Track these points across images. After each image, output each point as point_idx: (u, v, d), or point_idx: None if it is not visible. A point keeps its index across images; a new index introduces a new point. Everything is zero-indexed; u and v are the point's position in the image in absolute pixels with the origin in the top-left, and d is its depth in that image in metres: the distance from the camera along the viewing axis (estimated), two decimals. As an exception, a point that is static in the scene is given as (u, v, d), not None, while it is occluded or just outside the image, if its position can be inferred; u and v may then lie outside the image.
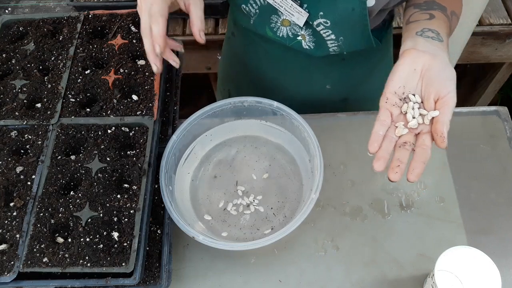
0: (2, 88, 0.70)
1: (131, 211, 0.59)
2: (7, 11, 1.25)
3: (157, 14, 0.57)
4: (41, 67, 0.72)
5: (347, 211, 0.74)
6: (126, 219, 0.59)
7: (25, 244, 0.57)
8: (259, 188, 0.74)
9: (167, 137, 0.72)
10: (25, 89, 0.69)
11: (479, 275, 0.57)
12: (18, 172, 0.63)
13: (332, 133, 0.81)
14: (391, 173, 0.54)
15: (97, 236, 0.58)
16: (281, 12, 0.70)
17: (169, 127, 0.74)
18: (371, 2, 0.65)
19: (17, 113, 0.67)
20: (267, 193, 0.73)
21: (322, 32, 0.71)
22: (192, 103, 1.20)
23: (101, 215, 0.59)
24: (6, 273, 0.55)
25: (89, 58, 0.72)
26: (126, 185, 0.62)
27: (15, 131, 0.66)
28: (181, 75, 0.80)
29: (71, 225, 0.59)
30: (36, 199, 0.60)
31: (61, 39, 0.74)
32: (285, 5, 0.67)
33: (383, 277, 0.68)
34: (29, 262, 0.56)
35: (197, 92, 1.62)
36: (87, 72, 0.71)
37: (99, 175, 0.62)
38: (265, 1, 0.69)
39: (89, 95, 0.69)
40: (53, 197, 0.60)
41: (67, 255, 0.56)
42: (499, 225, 0.72)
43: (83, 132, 0.65)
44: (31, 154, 0.64)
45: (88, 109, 0.68)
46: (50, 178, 0.62)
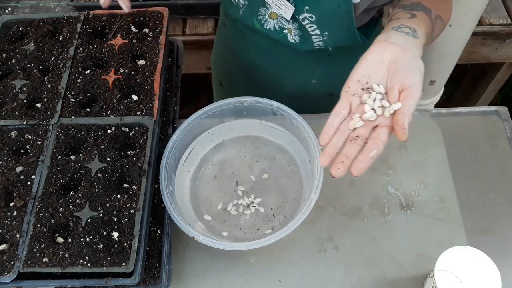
0: (2, 88, 0.70)
1: (131, 211, 0.59)
2: (7, 11, 1.25)
3: None
4: (41, 67, 0.72)
5: (347, 211, 0.74)
6: (126, 219, 0.59)
7: (25, 244, 0.57)
8: (259, 188, 0.74)
9: (167, 137, 0.72)
10: (25, 89, 0.69)
11: (479, 275, 0.57)
12: (18, 172, 0.63)
13: (332, 133, 0.81)
14: (333, 169, 0.51)
15: (97, 236, 0.58)
16: (269, 4, 0.70)
17: (169, 127, 0.74)
18: None
19: (17, 113, 0.67)
20: (267, 193, 0.73)
21: (307, 26, 0.71)
22: (192, 103, 1.20)
23: (101, 215, 0.59)
24: (6, 273, 0.55)
25: (89, 58, 0.72)
26: (126, 185, 0.62)
27: (15, 131, 0.66)
28: (181, 75, 0.80)
29: (71, 225, 0.59)
30: (36, 199, 0.60)
31: (61, 39, 0.74)
32: None
33: (383, 277, 0.68)
34: (29, 262, 0.56)
35: (197, 92, 1.62)
36: (87, 72, 0.71)
37: (99, 175, 0.62)
38: None
39: (89, 95, 0.69)
40: (53, 197, 0.60)
41: (67, 255, 0.56)
42: (499, 225, 0.72)
43: (83, 132, 0.65)
44: (31, 154, 0.64)
45: (88, 109, 0.68)
46: (50, 178, 0.62)
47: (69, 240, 0.58)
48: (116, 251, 0.57)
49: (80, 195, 0.60)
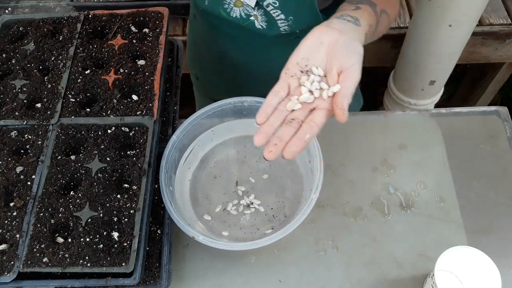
0: (2, 88, 0.70)
1: (131, 211, 0.59)
2: (7, 11, 1.25)
3: None
4: (41, 67, 0.72)
5: (347, 211, 0.74)
6: (126, 219, 0.59)
7: (25, 244, 0.57)
8: (259, 188, 0.74)
9: (167, 137, 0.72)
10: (25, 89, 0.69)
11: (479, 275, 0.57)
12: (18, 172, 0.63)
13: (332, 133, 0.81)
14: (265, 152, 0.50)
15: (97, 236, 0.58)
16: None
17: (169, 127, 0.74)
18: None
19: (17, 113, 0.67)
20: (267, 193, 0.73)
21: (272, 12, 0.71)
22: (192, 103, 1.19)
23: (101, 215, 0.59)
24: (6, 273, 0.55)
25: (89, 58, 0.72)
26: (126, 185, 0.62)
27: (15, 131, 0.66)
28: (181, 75, 0.80)
29: (71, 225, 0.59)
30: (36, 199, 0.60)
31: (61, 39, 0.74)
32: None
33: (383, 277, 0.68)
34: (29, 262, 0.56)
35: (197, 92, 1.61)
36: (87, 72, 0.71)
37: (99, 175, 0.62)
38: None
39: (89, 95, 0.69)
40: (53, 197, 0.60)
41: (67, 255, 0.56)
42: (499, 225, 0.72)
43: (83, 132, 0.65)
44: (31, 154, 0.64)
45: (88, 109, 0.68)
46: (50, 178, 0.62)
47: (69, 240, 0.58)
48: (116, 251, 0.57)
49: (80, 195, 0.60)
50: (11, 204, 0.61)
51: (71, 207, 0.60)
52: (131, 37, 0.73)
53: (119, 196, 0.61)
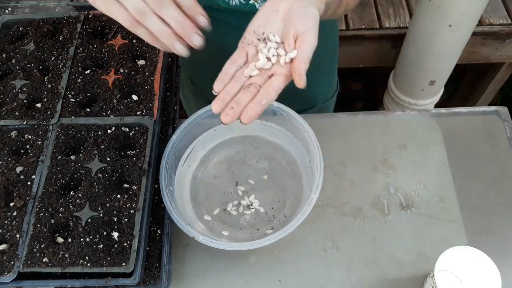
0: (2, 88, 0.70)
1: (131, 211, 0.59)
2: (7, 11, 1.25)
3: None
4: (41, 67, 0.72)
5: (347, 211, 0.74)
6: (126, 219, 0.59)
7: (25, 244, 0.57)
8: (259, 188, 0.74)
9: (167, 137, 0.72)
10: (25, 89, 0.69)
11: (479, 275, 0.57)
12: (18, 172, 0.63)
13: (332, 133, 0.81)
14: (222, 116, 0.50)
15: (97, 236, 0.58)
16: None
17: (169, 127, 0.74)
18: None
19: (17, 113, 0.67)
20: (267, 193, 0.73)
21: None
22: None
23: (101, 215, 0.59)
24: (6, 273, 0.55)
25: (89, 58, 0.72)
26: (126, 185, 0.62)
27: (15, 131, 0.66)
28: (181, 75, 0.80)
29: (71, 225, 0.59)
30: (36, 199, 0.60)
31: (61, 39, 0.74)
32: None
33: (383, 277, 0.68)
34: (29, 262, 0.56)
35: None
36: (87, 72, 0.71)
37: (99, 175, 0.62)
38: None
39: (89, 95, 0.69)
40: (53, 197, 0.60)
41: (67, 255, 0.56)
42: (499, 225, 0.72)
43: (83, 132, 0.65)
44: (31, 154, 0.64)
45: (88, 109, 0.68)
46: (50, 178, 0.62)
47: (69, 240, 0.58)
48: (116, 251, 0.57)
49: (80, 195, 0.60)
50: (11, 204, 0.61)
51: (71, 207, 0.60)
52: (131, 37, 0.73)
53: (119, 196, 0.61)
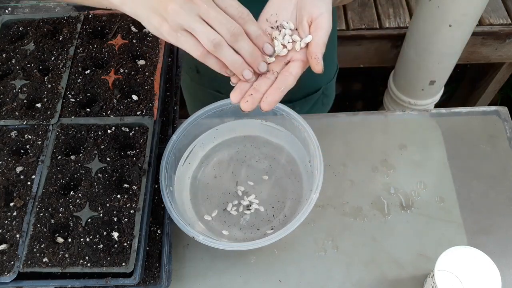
0: (2, 88, 0.70)
1: (131, 211, 0.59)
2: (7, 11, 1.25)
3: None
4: (41, 67, 0.72)
5: (347, 211, 0.74)
6: (126, 219, 0.59)
7: (25, 244, 0.57)
8: (259, 188, 0.74)
9: (167, 137, 0.72)
10: (25, 89, 0.69)
11: (479, 275, 0.57)
12: (18, 172, 0.63)
13: (332, 133, 0.81)
14: (242, 102, 0.50)
15: (97, 236, 0.58)
16: None
17: (169, 127, 0.74)
18: None
19: (17, 113, 0.67)
20: (267, 193, 0.73)
21: None
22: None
23: (101, 215, 0.59)
24: (6, 273, 0.55)
25: (89, 58, 0.72)
26: (126, 185, 0.62)
27: (15, 131, 0.66)
28: (181, 75, 0.80)
29: (71, 225, 0.59)
30: (36, 199, 0.60)
31: (61, 39, 0.74)
32: None
33: (383, 277, 0.68)
34: (29, 262, 0.56)
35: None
36: (87, 72, 0.71)
37: (99, 175, 0.62)
38: None
39: (89, 95, 0.69)
40: (53, 197, 0.60)
41: (67, 255, 0.56)
42: (499, 225, 0.72)
43: (83, 132, 0.65)
44: (31, 154, 0.64)
45: (88, 109, 0.68)
46: (50, 178, 0.62)
47: (69, 240, 0.58)
48: (116, 251, 0.57)
49: (80, 195, 0.60)
50: (11, 204, 0.61)
51: (71, 207, 0.60)
52: (131, 37, 0.73)
53: (119, 196, 0.61)
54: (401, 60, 1.48)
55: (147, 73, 0.69)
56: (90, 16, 0.76)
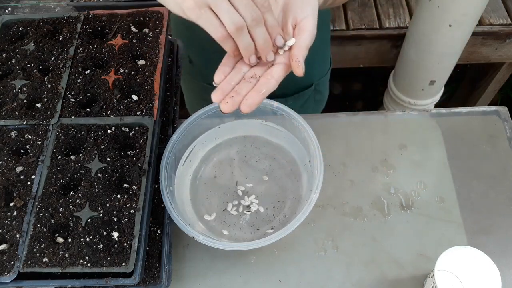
0: (2, 88, 0.70)
1: (131, 211, 0.59)
2: (7, 11, 1.25)
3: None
4: (41, 67, 0.72)
5: (347, 211, 0.74)
6: (126, 219, 0.59)
7: (25, 244, 0.57)
8: (259, 188, 0.74)
9: (167, 137, 0.72)
10: (25, 89, 0.69)
11: (479, 275, 0.57)
12: (18, 172, 0.63)
13: (332, 133, 0.81)
14: (222, 104, 0.50)
15: (97, 236, 0.58)
16: None
17: (169, 127, 0.74)
18: None
19: (17, 113, 0.67)
20: (267, 193, 0.73)
21: None
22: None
23: (101, 215, 0.59)
24: (6, 273, 0.55)
25: (89, 58, 0.72)
26: (126, 185, 0.62)
27: (15, 131, 0.66)
28: (181, 75, 0.80)
29: (71, 225, 0.59)
30: (36, 199, 0.60)
31: (61, 39, 0.74)
32: None
33: (383, 277, 0.68)
34: (29, 262, 0.56)
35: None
36: (87, 72, 0.71)
37: (99, 175, 0.62)
38: None
39: (89, 95, 0.69)
40: (53, 197, 0.60)
41: (67, 255, 0.56)
42: (499, 225, 0.72)
43: (83, 132, 0.65)
44: (31, 154, 0.64)
45: (88, 109, 0.68)
46: (50, 178, 0.62)
47: (69, 240, 0.58)
48: (116, 251, 0.57)
49: (80, 195, 0.60)
50: (11, 204, 0.61)
51: (71, 207, 0.60)
52: (131, 37, 0.73)
53: (119, 196, 0.61)
54: (401, 60, 1.48)
55: (147, 73, 0.69)
56: (90, 16, 0.76)
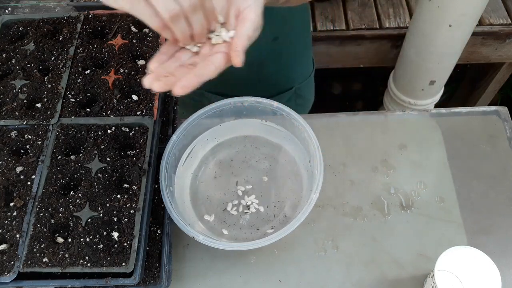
0: (2, 88, 0.70)
1: (131, 211, 0.59)
2: (7, 11, 1.25)
3: None
4: (41, 67, 0.72)
5: (347, 211, 0.74)
6: (126, 219, 0.59)
7: (25, 244, 0.57)
8: (259, 188, 0.74)
9: (167, 137, 0.72)
10: (25, 89, 0.69)
11: (479, 275, 0.57)
12: (18, 172, 0.63)
13: (332, 133, 0.81)
14: (154, 82, 0.48)
15: (97, 236, 0.58)
16: None
17: (169, 127, 0.74)
18: None
19: (17, 113, 0.67)
20: (267, 193, 0.73)
21: None
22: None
23: (101, 215, 0.59)
24: (6, 273, 0.55)
25: (89, 58, 0.72)
26: (126, 185, 0.62)
27: (15, 131, 0.66)
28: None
29: (71, 225, 0.59)
30: (36, 199, 0.60)
31: (61, 39, 0.74)
32: None
33: (383, 277, 0.68)
34: (29, 262, 0.56)
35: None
36: (87, 72, 0.71)
37: (99, 175, 0.62)
38: None
39: (89, 95, 0.69)
40: (53, 197, 0.60)
41: (67, 255, 0.56)
42: (499, 225, 0.72)
43: (83, 132, 0.65)
44: (31, 154, 0.64)
45: (88, 109, 0.68)
46: (50, 178, 0.62)
47: (69, 240, 0.58)
48: (116, 251, 0.57)
49: (80, 195, 0.60)
50: (11, 204, 0.61)
51: (71, 207, 0.60)
52: (131, 37, 0.73)
53: (119, 196, 0.61)
54: (401, 60, 1.48)
55: (147, 73, 0.69)
56: (90, 16, 0.76)
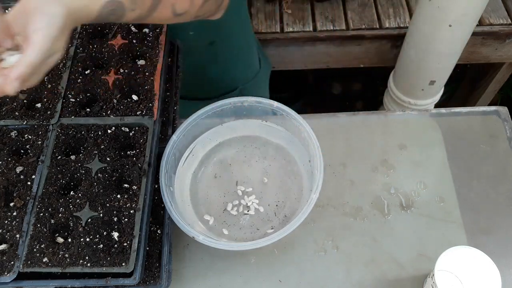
0: (2, 88, 0.70)
1: (131, 211, 0.59)
2: (7, 11, 1.25)
3: None
4: (41, 67, 0.72)
5: (347, 211, 0.74)
6: (126, 219, 0.59)
7: (25, 244, 0.57)
8: (259, 188, 0.74)
9: (167, 137, 0.72)
10: (25, 89, 0.69)
11: (479, 275, 0.57)
12: (18, 172, 0.63)
13: (332, 133, 0.81)
14: None
15: (97, 236, 0.58)
16: None
17: (169, 127, 0.74)
18: None
19: (17, 113, 0.67)
20: (267, 193, 0.73)
21: None
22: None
23: (101, 215, 0.59)
24: (6, 273, 0.55)
25: (89, 58, 0.72)
26: (126, 185, 0.62)
27: (15, 131, 0.66)
28: (181, 75, 0.80)
29: (71, 225, 0.59)
30: (36, 199, 0.60)
31: (61, 39, 0.74)
32: None
33: (383, 277, 0.68)
34: (29, 262, 0.56)
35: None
36: (87, 72, 0.71)
37: (99, 175, 0.62)
38: None
39: (89, 95, 0.69)
40: (53, 197, 0.60)
41: (67, 255, 0.56)
42: (499, 225, 0.72)
43: (83, 132, 0.65)
44: (31, 154, 0.64)
45: (88, 109, 0.68)
46: (50, 178, 0.62)
47: (69, 240, 0.58)
48: (116, 251, 0.57)
49: (80, 195, 0.60)
50: (11, 204, 0.61)
51: (71, 207, 0.60)
52: (131, 37, 0.73)
53: (119, 196, 0.61)
54: (401, 60, 1.48)
55: (147, 73, 0.69)
56: (90, 16, 0.76)
